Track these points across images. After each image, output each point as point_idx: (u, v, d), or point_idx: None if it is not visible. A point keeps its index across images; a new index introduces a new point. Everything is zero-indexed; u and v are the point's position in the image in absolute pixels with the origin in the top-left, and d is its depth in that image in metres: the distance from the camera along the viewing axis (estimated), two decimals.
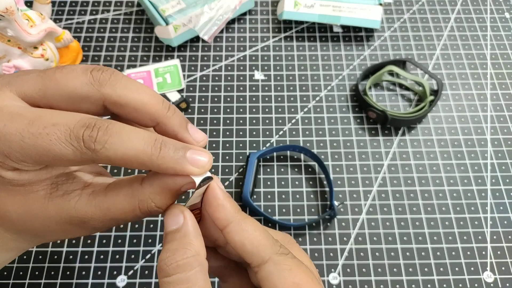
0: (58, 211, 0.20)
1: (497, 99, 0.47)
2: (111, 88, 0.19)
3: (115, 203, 0.21)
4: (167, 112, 0.21)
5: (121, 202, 0.21)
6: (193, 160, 0.19)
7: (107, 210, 0.20)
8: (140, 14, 0.52)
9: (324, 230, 0.40)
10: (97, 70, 0.20)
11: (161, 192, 0.20)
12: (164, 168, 0.19)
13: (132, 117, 0.20)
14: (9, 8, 0.35)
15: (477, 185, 0.42)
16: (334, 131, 0.45)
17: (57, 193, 0.20)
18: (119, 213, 0.20)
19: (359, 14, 0.49)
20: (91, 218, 0.20)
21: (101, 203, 0.20)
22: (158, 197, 0.21)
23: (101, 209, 0.20)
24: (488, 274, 0.38)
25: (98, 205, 0.20)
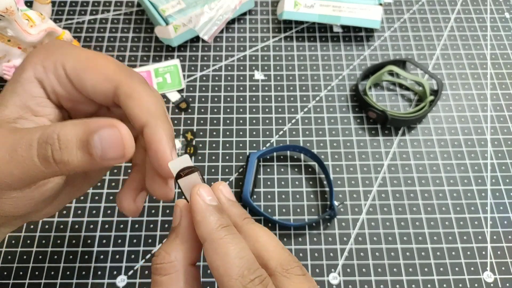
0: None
1: (497, 99, 0.47)
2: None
3: (23, 130, 0.19)
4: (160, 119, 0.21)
5: (29, 129, 0.19)
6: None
7: (11, 133, 0.19)
8: (140, 14, 0.52)
9: (324, 230, 0.40)
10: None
11: (69, 133, 0.18)
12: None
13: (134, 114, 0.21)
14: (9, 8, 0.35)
15: (477, 185, 0.42)
16: (334, 131, 0.45)
17: (13, 121, 0.21)
18: (18, 141, 0.18)
19: (359, 14, 0.49)
20: None
21: (14, 128, 0.19)
22: (59, 135, 0.18)
23: (8, 132, 0.19)
24: (488, 274, 0.38)
25: (9, 128, 0.19)
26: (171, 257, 0.19)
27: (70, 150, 0.18)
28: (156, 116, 0.20)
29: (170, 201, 0.41)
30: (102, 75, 0.21)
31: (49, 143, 0.18)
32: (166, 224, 0.39)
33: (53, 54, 0.21)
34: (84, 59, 0.21)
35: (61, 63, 0.21)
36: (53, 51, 0.21)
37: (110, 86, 0.21)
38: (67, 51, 0.21)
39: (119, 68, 0.21)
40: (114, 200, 0.40)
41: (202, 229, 0.19)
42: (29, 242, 0.38)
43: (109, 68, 0.21)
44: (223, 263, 0.18)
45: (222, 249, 0.18)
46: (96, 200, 0.40)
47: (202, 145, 0.43)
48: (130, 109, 0.20)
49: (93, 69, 0.21)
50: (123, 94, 0.21)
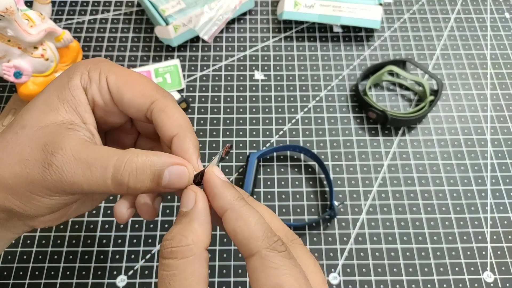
0: (49, 132, 0.21)
1: (497, 99, 0.47)
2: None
3: (97, 150, 0.21)
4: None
5: (104, 152, 0.21)
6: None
7: (85, 150, 0.20)
8: (140, 14, 0.52)
9: (324, 230, 0.40)
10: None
11: (144, 164, 0.21)
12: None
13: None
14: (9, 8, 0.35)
15: (477, 185, 0.42)
16: (334, 131, 0.45)
17: (67, 126, 0.22)
18: (92, 161, 0.20)
19: (359, 14, 0.49)
20: (64, 150, 0.20)
21: (86, 144, 0.21)
22: (137, 166, 0.21)
23: (81, 147, 0.20)
24: (488, 274, 0.38)
25: (82, 143, 0.21)
26: (188, 240, 0.19)
27: (144, 180, 0.21)
28: (185, 129, 0.23)
29: (170, 202, 0.41)
30: (139, 92, 0.23)
31: (127, 171, 0.20)
32: (166, 224, 0.39)
33: (98, 67, 0.23)
34: (125, 76, 0.23)
35: (105, 76, 0.23)
36: (99, 64, 0.24)
37: (146, 101, 0.23)
38: (110, 67, 0.24)
39: (155, 88, 0.24)
40: (114, 201, 0.40)
41: (223, 200, 0.20)
42: (29, 242, 0.38)
43: (146, 86, 0.23)
44: (247, 226, 0.19)
45: (245, 215, 0.20)
46: None
47: (202, 145, 0.43)
48: (163, 121, 0.23)
49: (132, 85, 0.23)
50: (157, 109, 0.23)
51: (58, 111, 0.22)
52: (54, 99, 0.22)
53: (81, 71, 0.23)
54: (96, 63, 0.24)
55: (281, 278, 0.18)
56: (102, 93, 0.23)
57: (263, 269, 0.18)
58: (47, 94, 0.23)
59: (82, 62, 0.24)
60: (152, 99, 0.23)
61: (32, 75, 0.42)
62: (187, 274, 0.19)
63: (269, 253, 0.19)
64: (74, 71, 0.23)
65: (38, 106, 0.22)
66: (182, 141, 0.22)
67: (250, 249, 0.19)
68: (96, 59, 0.24)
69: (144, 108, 0.23)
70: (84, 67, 0.23)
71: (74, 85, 0.23)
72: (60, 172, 0.20)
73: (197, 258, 0.19)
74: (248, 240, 0.19)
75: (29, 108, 0.22)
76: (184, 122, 0.23)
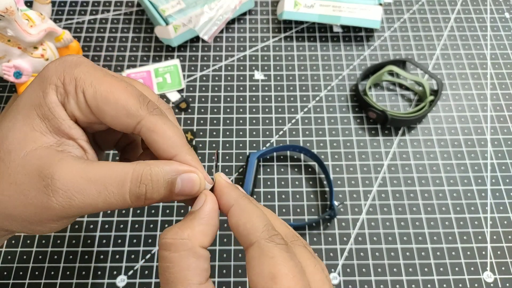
0: (41, 156, 0.20)
1: (497, 99, 0.47)
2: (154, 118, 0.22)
3: (107, 167, 0.20)
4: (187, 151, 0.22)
5: (116, 167, 0.20)
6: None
7: (93, 169, 0.20)
8: (140, 14, 0.52)
9: (324, 230, 0.40)
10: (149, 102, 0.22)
11: (158, 175, 0.21)
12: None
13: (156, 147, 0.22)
14: (9, 8, 0.35)
15: (477, 185, 0.42)
16: (334, 131, 0.45)
17: (56, 148, 0.20)
18: (107, 179, 0.20)
19: (359, 14, 0.49)
20: (64, 174, 0.19)
21: (89, 163, 0.20)
22: (152, 176, 0.21)
23: (87, 168, 0.20)
24: (488, 274, 0.38)
25: (85, 163, 0.20)
26: (183, 234, 0.20)
27: (159, 189, 0.21)
28: (182, 148, 0.22)
29: (170, 202, 0.41)
30: (123, 111, 0.21)
31: (144, 184, 0.20)
32: (166, 224, 0.39)
33: (73, 77, 0.21)
34: (104, 89, 0.21)
35: (81, 88, 0.21)
36: (73, 73, 0.21)
37: (132, 122, 0.21)
38: (86, 77, 0.21)
39: (139, 103, 0.21)
40: None
41: (229, 196, 0.22)
42: (29, 242, 0.38)
43: (130, 103, 0.21)
44: (250, 219, 0.20)
45: (248, 209, 0.21)
46: None
47: (202, 145, 0.43)
48: (155, 143, 0.22)
49: (113, 103, 0.21)
50: (145, 128, 0.21)
51: (42, 131, 0.20)
52: (35, 118, 0.20)
53: (55, 84, 0.21)
54: (70, 70, 0.21)
55: (276, 267, 0.18)
56: (81, 108, 0.21)
57: (259, 257, 0.19)
58: (25, 112, 0.21)
59: (53, 68, 0.21)
60: (138, 118, 0.21)
61: (32, 75, 0.42)
62: (182, 267, 0.19)
63: (267, 243, 0.19)
64: (47, 85, 0.21)
65: (18, 126, 0.20)
66: (184, 159, 0.22)
67: (250, 240, 0.20)
68: (67, 61, 0.22)
69: (130, 127, 0.22)
70: (57, 77, 0.21)
71: (51, 102, 0.21)
72: (69, 197, 0.19)
73: (191, 253, 0.19)
74: (249, 231, 0.20)
75: (9, 129, 0.20)
76: (178, 140, 0.22)
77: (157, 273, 0.37)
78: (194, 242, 0.20)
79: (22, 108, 0.21)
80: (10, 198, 0.20)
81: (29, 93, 0.21)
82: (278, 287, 0.18)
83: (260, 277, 0.18)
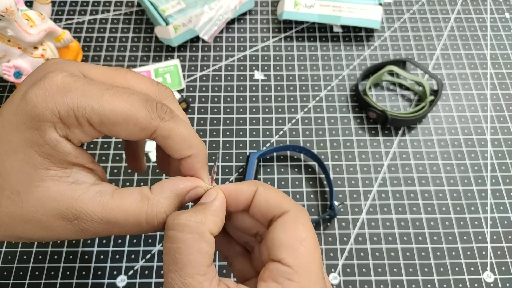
0: (57, 197, 0.20)
1: (497, 99, 0.47)
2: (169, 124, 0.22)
3: (121, 204, 0.21)
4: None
5: (129, 204, 0.21)
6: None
7: (110, 210, 0.20)
8: (140, 14, 0.52)
9: (324, 230, 0.40)
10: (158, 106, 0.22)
11: (170, 197, 0.22)
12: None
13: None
14: (9, 8, 0.35)
15: (477, 185, 0.42)
16: (334, 131, 0.45)
17: (67, 179, 0.20)
18: (122, 216, 0.21)
19: (359, 14, 0.49)
20: (89, 215, 0.20)
21: (106, 201, 0.20)
22: (167, 202, 0.22)
23: (104, 208, 0.20)
24: (488, 274, 0.38)
25: (101, 203, 0.20)
26: (197, 218, 0.20)
27: (171, 212, 0.22)
28: (198, 149, 0.23)
29: None
30: (136, 127, 0.20)
31: (161, 219, 0.21)
32: None
33: (69, 107, 0.19)
34: (109, 111, 0.19)
35: (84, 118, 0.19)
36: (66, 101, 0.19)
37: (147, 134, 0.21)
38: (84, 103, 0.19)
39: (149, 112, 0.20)
40: None
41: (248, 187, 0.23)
42: (29, 242, 0.38)
43: (141, 118, 0.20)
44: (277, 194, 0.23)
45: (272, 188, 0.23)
46: None
47: None
48: (171, 147, 0.22)
49: (124, 123, 0.20)
50: (160, 137, 0.21)
51: (46, 167, 0.19)
52: (36, 158, 0.19)
53: (51, 121, 0.19)
54: (62, 101, 0.19)
55: (305, 233, 0.21)
56: (89, 134, 0.20)
57: (294, 223, 0.21)
58: (22, 153, 0.19)
59: (41, 103, 0.19)
60: (152, 129, 0.21)
61: None
62: (193, 249, 0.19)
63: (300, 212, 0.22)
64: (41, 123, 0.19)
65: (18, 168, 0.19)
66: (195, 162, 0.23)
67: (284, 208, 0.22)
68: (53, 89, 0.19)
69: (145, 137, 0.22)
70: (51, 113, 0.19)
71: (51, 140, 0.19)
72: (95, 233, 0.21)
73: (204, 237, 0.20)
74: (281, 203, 0.22)
75: (8, 171, 0.19)
76: (194, 142, 0.22)
77: (157, 273, 0.37)
78: (206, 227, 0.20)
79: (17, 149, 0.19)
80: (34, 231, 0.20)
81: (21, 132, 0.19)
82: (305, 249, 0.21)
83: (292, 238, 0.21)
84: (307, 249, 0.21)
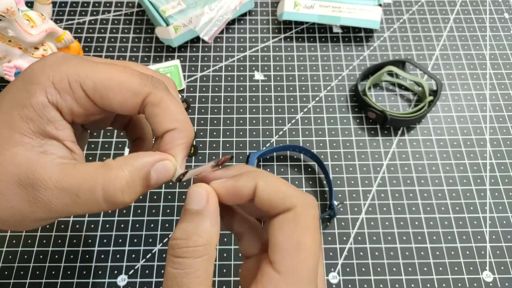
0: (20, 163, 0.19)
1: (496, 99, 0.47)
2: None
3: (80, 170, 0.19)
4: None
5: (87, 170, 0.19)
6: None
7: (66, 175, 0.19)
8: (140, 15, 0.52)
9: (323, 229, 0.40)
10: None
11: (132, 165, 0.20)
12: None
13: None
14: (10, 8, 0.35)
15: (476, 185, 0.42)
16: (334, 131, 0.45)
17: (38, 149, 0.19)
18: (77, 180, 0.19)
19: (359, 15, 0.49)
20: (45, 181, 0.19)
21: (65, 168, 0.19)
22: (128, 169, 0.20)
23: (61, 173, 0.19)
24: (487, 273, 0.38)
25: (61, 169, 0.19)
26: (204, 240, 0.19)
27: (136, 188, 0.20)
28: (183, 124, 0.21)
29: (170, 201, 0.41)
30: (129, 92, 0.20)
31: (119, 188, 0.19)
32: (167, 223, 0.40)
33: (63, 74, 0.20)
34: (104, 78, 0.20)
35: (77, 83, 0.20)
36: (61, 70, 0.20)
37: (139, 100, 0.21)
38: (79, 71, 0.20)
39: (143, 81, 0.21)
40: None
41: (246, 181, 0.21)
42: (30, 241, 0.38)
43: (134, 83, 0.21)
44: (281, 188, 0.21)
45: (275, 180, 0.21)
46: None
47: (203, 145, 0.44)
48: (157, 116, 0.21)
49: (118, 87, 0.20)
50: (150, 104, 0.21)
51: (23, 132, 0.19)
52: (16, 120, 0.19)
53: (43, 85, 0.19)
54: (58, 68, 0.20)
55: (305, 238, 0.20)
56: (80, 103, 0.20)
57: (295, 223, 0.20)
58: (5, 114, 0.19)
59: (38, 68, 0.20)
60: (144, 94, 0.21)
61: None
62: (200, 272, 0.19)
63: (306, 210, 0.20)
64: (33, 85, 0.19)
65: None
66: (177, 138, 0.21)
67: (286, 206, 0.20)
68: (52, 60, 0.20)
69: (136, 107, 0.21)
70: (45, 78, 0.20)
71: (37, 103, 0.19)
72: (48, 204, 0.19)
73: (210, 257, 0.19)
74: (284, 199, 0.20)
75: None
76: (181, 115, 0.21)
77: (157, 272, 0.37)
78: (213, 245, 0.20)
79: (2, 110, 0.20)
80: None
81: (12, 94, 0.20)
82: (299, 256, 0.19)
83: (289, 241, 0.19)
84: (303, 256, 0.19)
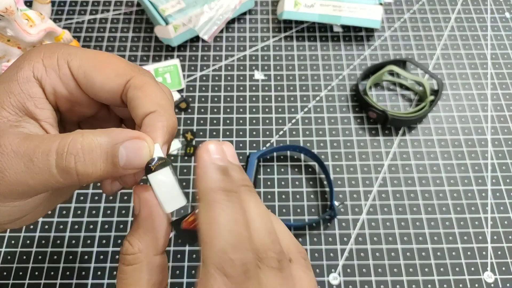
0: None
1: (498, 99, 0.47)
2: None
3: (38, 138, 0.18)
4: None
5: (45, 138, 0.18)
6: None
7: (25, 140, 0.18)
8: (140, 14, 0.52)
9: (324, 230, 0.39)
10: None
11: (96, 134, 0.18)
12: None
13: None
14: (9, 8, 0.35)
15: (477, 185, 0.42)
16: (334, 131, 0.44)
17: (12, 123, 0.19)
18: (34, 150, 0.17)
19: (360, 14, 0.49)
20: (5, 146, 0.17)
21: (28, 137, 0.18)
22: (82, 145, 0.17)
23: (22, 140, 0.18)
24: (489, 274, 0.38)
25: (23, 136, 0.18)
26: (134, 249, 0.19)
27: (95, 162, 0.18)
28: (165, 108, 0.20)
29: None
30: (113, 71, 0.20)
31: (72, 154, 0.17)
32: None
33: (55, 52, 0.20)
34: (91, 57, 0.20)
35: (66, 61, 0.20)
36: (54, 49, 0.20)
37: (121, 81, 0.20)
38: (70, 51, 0.20)
39: (130, 66, 0.21)
40: (114, 201, 0.40)
41: (200, 187, 0.18)
42: (29, 242, 0.38)
43: (119, 65, 0.20)
44: (209, 230, 0.16)
45: (213, 214, 0.17)
46: (95, 200, 0.40)
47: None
48: (138, 99, 0.20)
49: (103, 67, 0.20)
50: (133, 86, 0.20)
51: (4, 106, 0.19)
52: (1, 93, 0.19)
53: (32, 60, 0.20)
54: (52, 48, 0.20)
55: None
56: (64, 81, 0.20)
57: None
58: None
59: (35, 49, 0.20)
60: (128, 76, 0.20)
61: None
62: (132, 280, 0.19)
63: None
64: (24, 61, 0.20)
65: None
66: (156, 119, 0.19)
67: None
68: (50, 44, 0.21)
69: (119, 89, 0.20)
70: (37, 54, 0.20)
71: (23, 77, 0.19)
72: (2, 172, 0.17)
73: (144, 265, 0.19)
74: (204, 245, 0.16)
75: None
76: (164, 101, 0.20)
77: None
78: (148, 253, 0.19)
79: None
80: None
81: (9, 69, 0.20)
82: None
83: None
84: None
